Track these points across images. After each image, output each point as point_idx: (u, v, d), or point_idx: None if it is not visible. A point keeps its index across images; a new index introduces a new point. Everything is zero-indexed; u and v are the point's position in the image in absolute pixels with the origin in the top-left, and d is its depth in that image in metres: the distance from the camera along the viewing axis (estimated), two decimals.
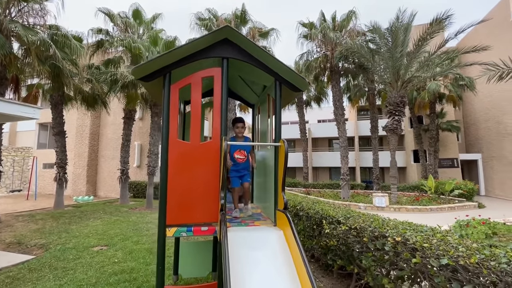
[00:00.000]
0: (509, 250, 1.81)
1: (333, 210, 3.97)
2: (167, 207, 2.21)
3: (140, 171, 15.43)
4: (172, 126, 2.28)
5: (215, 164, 2.32)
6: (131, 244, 5.32)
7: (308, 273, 1.66)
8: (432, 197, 13.51)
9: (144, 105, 11.60)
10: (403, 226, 2.76)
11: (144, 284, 3.52)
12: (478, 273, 1.68)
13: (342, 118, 14.64)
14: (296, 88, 2.50)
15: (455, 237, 2.30)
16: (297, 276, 1.79)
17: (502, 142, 18.03)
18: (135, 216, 8.38)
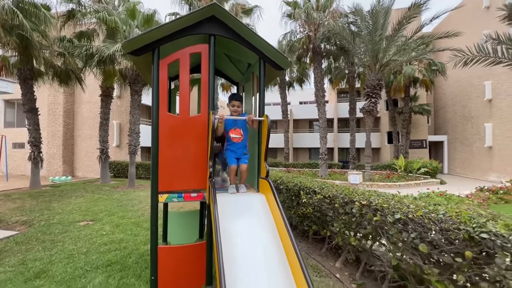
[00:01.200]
0: (449, 207, 2.22)
1: (310, 182, 4.35)
2: (159, 176, 2.39)
3: (120, 150, 15.12)
4: (162, 100, 2.41)
5: (203, 136, 2.50)
6: (117, 219, 5.46)
7: (286, 224, 1.96)
8: (402, 175, 14.65)
9: (123, 82, 11.18)
10: (369, 193, 3.15)
11: (134, 251, 3.75)
12: (422, 223, 2.08)
13: (322, 100, 15.04)
14: (278, 66, 2.69)
15: (410, 199, 2.72)
16: (276, 229, 2.10)
17: (465, 125, 19.53)
18: (118, 194, 8.41)
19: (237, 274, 1.72)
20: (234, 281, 1.66)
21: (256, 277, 1.78)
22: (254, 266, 1.84)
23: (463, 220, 1.82)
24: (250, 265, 1.84)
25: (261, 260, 1.89)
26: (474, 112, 18.46)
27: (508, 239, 1.52)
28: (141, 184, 10.91)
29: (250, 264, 1.85)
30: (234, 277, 1.68)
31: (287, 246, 1.90)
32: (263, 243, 1.99)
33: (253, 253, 1.92)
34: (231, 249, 1.87)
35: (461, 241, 1.75)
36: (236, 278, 1.70)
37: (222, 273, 1.54)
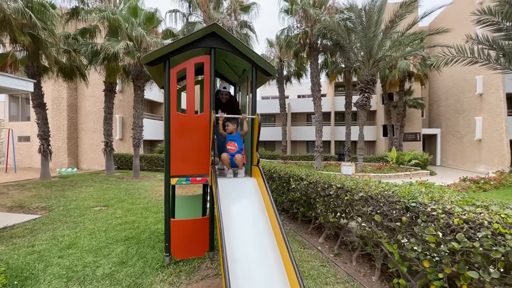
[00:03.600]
0: (403, 188, 2.81)
1: (298, 170, 4.95)
2: (171, 163, 2.97)
3: (123, 143, 15.67)
4: (173, 101, 2.97)
5: (206, 131, 3.07)
6: (127, 205, 6.07)
7: (271, 201, 2.55)
8: (393, 166, 15.31)
9: (126, 78, 11.64)
10: (345, 179, 3.75)
11: (146, 230, 4.37)
12: (377, 199, 2.68)
13: (318, 94, 15.55)
14: (267, 73, 3.24)
15: (376, 183, 3.32)
16: (264, 205, 2.69)
17: (457, 118, 20.12)
18: (125, 184, 9.03)
19: (233, 239, 2.30)
20: (231, 243, 2.24)
21: (247, 240, 2.37)
22: (246, 232, 2.43)
23: (403, 195, 2.42)
24: (244, 231, 2.43)
25: (251, 228, 2.48)
26: (466, 105, 19.03)
27: (427, 205, 2.12)
28: (145, 175, 11.52)
29: (243, 230, 2.44)
30: (231, 240, 2.26)
31: (272, 217, 2.49)
32: (253, 216, 2.58)
33: (245, 223, 2.51)
34: (229, 220, 2.45)
35: (399, 210, 2.36)
36: (232, 241, 2.27)
37: (223, 239, 2.12)
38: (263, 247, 2.32)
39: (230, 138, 3.17)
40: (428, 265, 2.14)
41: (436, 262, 2.12)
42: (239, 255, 2.19)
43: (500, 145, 15.90)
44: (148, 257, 3.26)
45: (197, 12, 12.69)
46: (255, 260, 2.21)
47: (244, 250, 2.25)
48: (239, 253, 2.22)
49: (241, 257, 2.19)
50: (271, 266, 2.13)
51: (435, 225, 2.00)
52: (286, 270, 2.03)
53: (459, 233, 1.82)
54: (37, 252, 3.43)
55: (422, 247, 2.13)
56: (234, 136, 3.18)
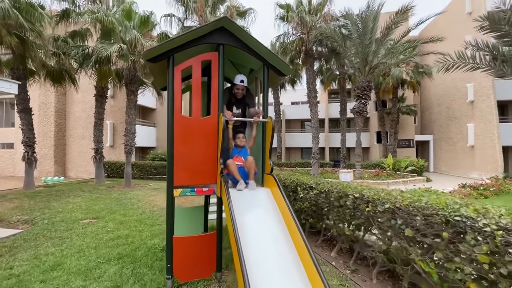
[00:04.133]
0: (431, 198, 2.55)
1: (306, 179, 4.66)
2: (174, 171, 2.63)
3: (114, 150, 15.08)
4: (177, 103, 2.65)
5: (214, 136, 2.75)
6: (119, 217, 5.61)
7: (291, 213, 2.23)
8: (390, 173, 15.23)
9: (118, 82, 11.22)
10: (361, 187, 3.48)
11: (141, 246, 3.94)
12: (407, 211, 2.40)
13: (314, 100, 15.45)
14: (280, 72, 2.97)
15: (397, 192, 3.05)
16: (282, 218, 2.37)
17: (449, 125, 20.42)
18: (116, 193, 8.51)
19: (251, 257, 1.97)
20: (250, 263, 1.91)
21: (268, 261, 2.04)
22: (265, 250, 2.11)
23: (441, 207, 2.15)
24: (263, 249, 2.10)
25: (270, 246, 2.15)
26: (458, 112, 19.34)
27: (476, 220, 1.85)
28: (137, 184, 10.98)
29: (262, 248, 2.11)
30: (249, 259, 1.93)
31: (294, 232, 2.17)
32: (271, 231, 2.26)
33: (265, 239, 2.18)
34: (245, 236, 2.11)
35: (439, 224, 2.08)
36: (251, 261, 1.94)
37: (242, 258, 1.78)
38: (287, 269, 1.99)
39: (237, 152, 2.86)
40: (474, 287, 1.86)
41: (487, 286, 1.84)
42: (259, 279, 1.85)
43: (493, 152, 16.11)
44: (146, 279, 2.87)
45: (192, 16, 12.48)
46: (278, 284, 1.87)
47: (264, 271, 1.92)
48: (259, 275, 1.88)
49: (262, 281, 1.85)
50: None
51: (489, 243, 1.73)
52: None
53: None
54: (16, 276, 2.97)
55: (472, 268, 1.85)
56: (241, 151, 2.88)
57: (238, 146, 2.88)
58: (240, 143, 2.87)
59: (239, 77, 3.00)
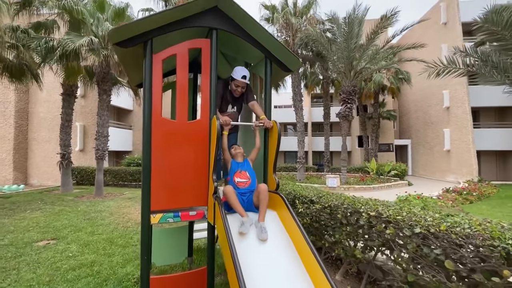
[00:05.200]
0: (467, 219, 2.14)
1: (304, 190, 4.16)
2: (152, 192, 2.00)
3: (84, 155, 13.77)
4: (156, 101, 2.02)
5: (204, 145, 2.16)
6: (85, 236, 4.77)
7: (308, 244, 1.71)
8: (374, 177, 15.30)
9: (89, 80, 10.15)
10: (373, 202, 3.03)
11: (110, 277, 3.21)
12: (446, 238, 1.96)
13: (300, 104, 15.22)
14: (286, 67, 2.45)
15: (418, 209, 2.63)
16: (295, 249, 1.83)
17: (426, 130, 21.15)
18: (84, 205, 7.51)
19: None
20: None
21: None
22: None
23: (495, 236, 1.73)
24: None
25: (283, 281, 1.62)
26: (434, 118, 20.06)
27: None
28: (110, 193, 9.94)
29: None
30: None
31: (315, 271, 1.64)
32: (285, 269, 1.72)
33: (276, 281, 1.63)
34: (250, 277, 1.55)
35: (497, 259, 1.65)
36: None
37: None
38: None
39: (238, 166, 2.23)
40: None
41: None
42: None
43: (468, 156, 16.77)
44: None
45: None
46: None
47: None
48: None
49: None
50: None
51: None
52: None
53: None
54: None
55: None
56: (243, 163, 2.27)
57: (237, 159, 2.30)
58: (238, 155, 2.27)
59: (240, 71, 2.35)
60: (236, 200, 1.98)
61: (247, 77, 2.35)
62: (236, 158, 2.28)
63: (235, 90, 2.39)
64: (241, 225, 1.84)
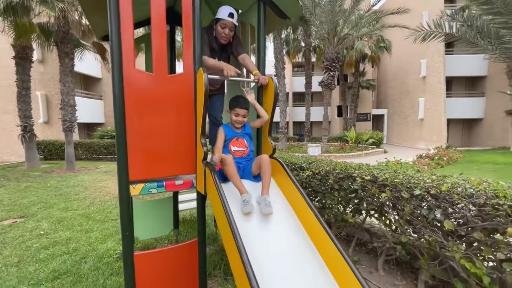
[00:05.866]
0: (466, 179, 2.10)
1: (293, 158, 4.04)
2: (129, 159, 1.69)
3: (50, 128, 12.63)
4: (126, 48, 1.63)
5: (189, 104, 1.84)
6: (58, 212, 4.40)
7: (313, 211, 1.56)
8: (353, 146, 15.79)
9: (45, 41, 8.87)
10: (366, 167, 2.96)
11: (89, 254, 2.97)
12: (448, 199, 1.91)
13: (282, 71, 14.73)
14: (283, 13, 2.10)
15: (413, 172, 2.59)
16: (298, 218, 1.69)
17: (402, 99, 21.79)
18: (55, 180, 6.95)
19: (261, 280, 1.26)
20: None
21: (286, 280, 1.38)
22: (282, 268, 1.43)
23: (500, 194, 1.68)
24: (277, 268, 1.42)
25: (289, 260, 1.48)
26: (411, 87, 20.59)
27: None
28: (84, 167, 9.32)
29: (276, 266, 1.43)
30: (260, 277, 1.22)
31: (321, 239, 1.51)
32: (287, 239, 1.57)
33: (279, 252, 1.49)
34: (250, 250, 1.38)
35: (503, 217, 1.62)
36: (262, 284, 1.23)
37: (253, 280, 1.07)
38: None
39: (234, 134, 1.97)
40: None
41: None
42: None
43: (439, 124, 17.68)
44: None
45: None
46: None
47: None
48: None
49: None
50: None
51: None
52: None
53: None
54: None
55: None
56: (243, 131, 1.99)
57: (234, 127, 1.99)
58: (237, 123, 1.96)
59: (226, 9, 1.97)
60: (236, 174, 1.71)
61: (235, 16, 1.98)
62: (234, 126, 1.97)
63: (221, 34, 2.02)
64: (244, 205, 1.59)
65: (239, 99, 1.94)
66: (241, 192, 1.65)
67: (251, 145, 2.02)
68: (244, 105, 1.93)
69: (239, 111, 1.92)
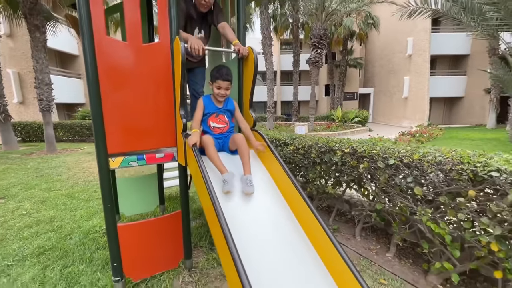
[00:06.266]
0: (435, 149, 2.22)
1: (278, 134, 4.09)
2: (106, 132, 1.67)
3: (26, 109, 12.02)
4: (97, 14, 1.54)
5: (167, 75, 1.80)
6: (40, 193, 4.33)
7: (295, 184, 1.62)
8: (339, 124, 16.05)
9: (12, 13, 8.17)
10: (347, 141, 3.05)
11: (74, 230, 2.99)
12: (419, 167, 2.02)
13: (269, 49, 14.39)
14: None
15: (390, 143, 2.69)
16: (280, 192, 1.75)
17: (389, 78, 22.00)
18: (35, 162, 6.75)
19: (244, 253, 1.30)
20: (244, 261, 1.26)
21: (268, 253, 1.42)
22: (264, 240, 1.47)
23: (465, 161, 1.80)
24: (259, 240, 1.46)
25: (269, 232, 1.52)
26: (397, 66, 20.74)
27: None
28: (65, 148, 9.06)
29: (258, 238, 1.46)
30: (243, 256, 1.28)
31: (301, 212, 1.57)
32: (269, 213, 1.62)
33: (259, 226, 1.54)
34: (232, 223, 1.41)
35: (465, 181, 1.74)
36: (244, 258, 1.29)
37: (235, 254, 1.11)
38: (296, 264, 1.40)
39: (215, 109, 1.89)
40: (497, 248, 1.63)
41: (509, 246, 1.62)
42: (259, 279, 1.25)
43: (422, 103, 18.14)
44: (83, 281, 2.06)
45: None
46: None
47: (265, 269, 1.32)
48: (259, 275, 1.27)
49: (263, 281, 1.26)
50: None
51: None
52: None
53: None
54: None
55: (503, 228, 1.58)
56: (225, 106, 1.91)
57: (216, 100, 1.90)
58: (220, 97, 1.87)
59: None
60: (216, 155, 1.68)
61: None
62: (216, 99, 1.89)
63: (201, 1, 1.94)
64: (224, 184, 1.58)
65: (221, 70, 1.82)
66: (222, 172, 1.64)
67: (231, 121, 1.98)
68: (227, 76, 1.81)
69: (221, 84, 1.82)
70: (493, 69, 10.84)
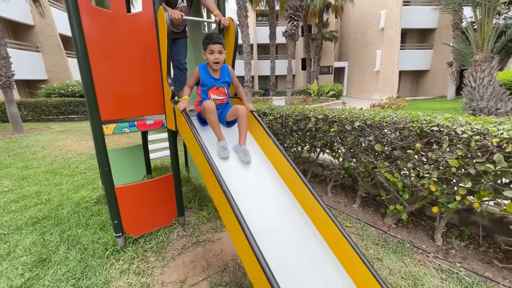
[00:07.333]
0: (400, 112, 2.57)
1: (259, 106, 4.30)
2: (99, 100, 1.77)
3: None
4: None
5: (151, 43, 1.89)
6: (17, 171, 4.25)
7: (282, 153, 1.81)
8: (315, 98, 16.49)
9: None
10: (320, 109, 3.34)
11: (64, 202, 3.09)
12: (379, 127, 2.37)
13: (245, 20, 13.97)
14: None
15: (357, 109, 3.03)
16: (268, 158, 1.95)
17: (362, 52, 22.50)
18: (3, 142, 6.39)
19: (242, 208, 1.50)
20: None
21: (259, 208, 1.63)
22: (254, 196, 1.70)
23: (414, 119, 2.16)
24: (251, 195, 1.67)
25: (263, 193, 1.73)
26: (370, 39, 21.19)
27: (452, 128, 1.91)
28: (34, 128, 8.56)
29: (252, 199, 1.66)
30: None
31: (292, 181, 1.79)
32: (260, 180, 1.81)
33: (253, 193, 1.73)
34: (229, 185, 1.57)
35: (414, 136, 2.11)
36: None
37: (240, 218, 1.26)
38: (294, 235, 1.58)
39: (214, 82, 1.88)
40: (435, 188, 2.06)
41: (443, 186, 2.06)
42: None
43: (392, 76, 19.00)
44: (84, 242, 2.24)
45: None
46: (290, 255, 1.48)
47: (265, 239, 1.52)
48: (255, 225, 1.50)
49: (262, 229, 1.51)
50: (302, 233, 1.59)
51: (463, 148, 1.81)
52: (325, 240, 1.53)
53: (497, 154, 1.67)
54: None
55: (438, 172, 1.99)
56: (222, 78, 1.91)
57: (213, 70, 1.88)
58: (217, 63, 1.83)
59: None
60: (216, 121, 1.76)
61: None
62: (212, 69, 1.87)
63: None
64: (222, 150, 1.72)
65: (211, 35, 1.80)
66: (220, 139, 1.76)
67: (229, 92, 2.04)
68: (217, 39, 1.78)
69: (213, 47, 1.78)
70: (455, 43, 11.58)
